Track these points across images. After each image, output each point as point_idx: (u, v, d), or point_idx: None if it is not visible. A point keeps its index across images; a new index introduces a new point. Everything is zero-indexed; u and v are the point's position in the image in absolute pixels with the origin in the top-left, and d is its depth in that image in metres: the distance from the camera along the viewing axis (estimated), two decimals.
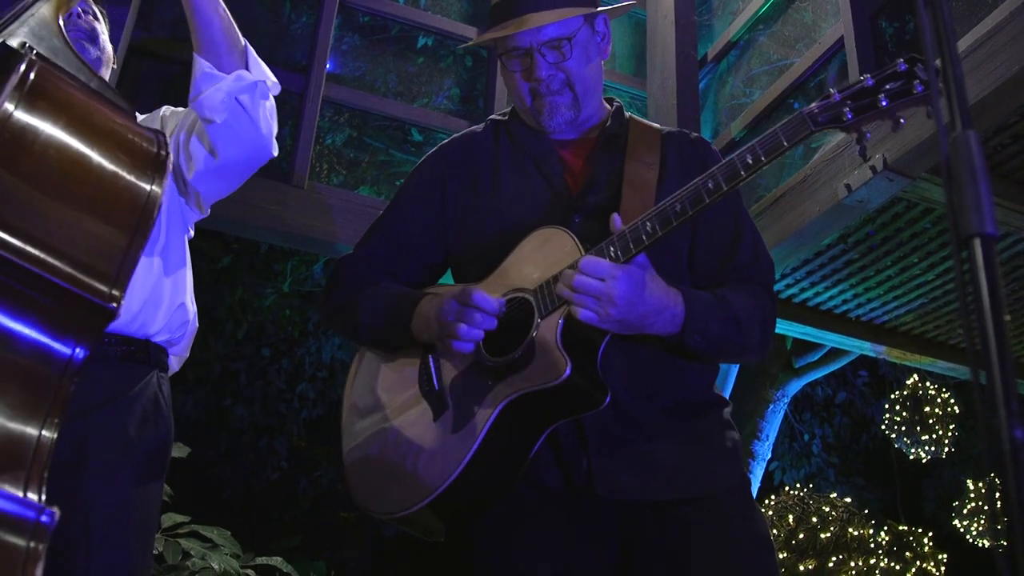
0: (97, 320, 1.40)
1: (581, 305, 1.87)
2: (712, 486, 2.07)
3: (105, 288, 1.38)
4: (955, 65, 1.08)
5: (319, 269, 11.74)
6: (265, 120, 2.23)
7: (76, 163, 1.45)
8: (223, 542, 4.82)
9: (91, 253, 1.40)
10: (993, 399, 0.92)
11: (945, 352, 7.03)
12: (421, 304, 2.15)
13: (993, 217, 0.97)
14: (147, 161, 1.54)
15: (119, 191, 1.48)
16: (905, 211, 5.35)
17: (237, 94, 2.15)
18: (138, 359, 2.20)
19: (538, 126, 2.29)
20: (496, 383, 1.99)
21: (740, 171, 1.87)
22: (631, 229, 1.92)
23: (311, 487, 13.12)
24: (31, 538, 1.22)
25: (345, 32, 5.33)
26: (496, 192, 2.29)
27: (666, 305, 1.96)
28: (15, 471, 1.26)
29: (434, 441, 2.03)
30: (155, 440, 2.20)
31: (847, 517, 10.13)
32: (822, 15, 5.04)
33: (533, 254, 2.10)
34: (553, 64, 2.20)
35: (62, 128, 1.45)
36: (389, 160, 5.35)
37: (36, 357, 1.35)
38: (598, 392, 1.95)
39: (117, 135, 1.54)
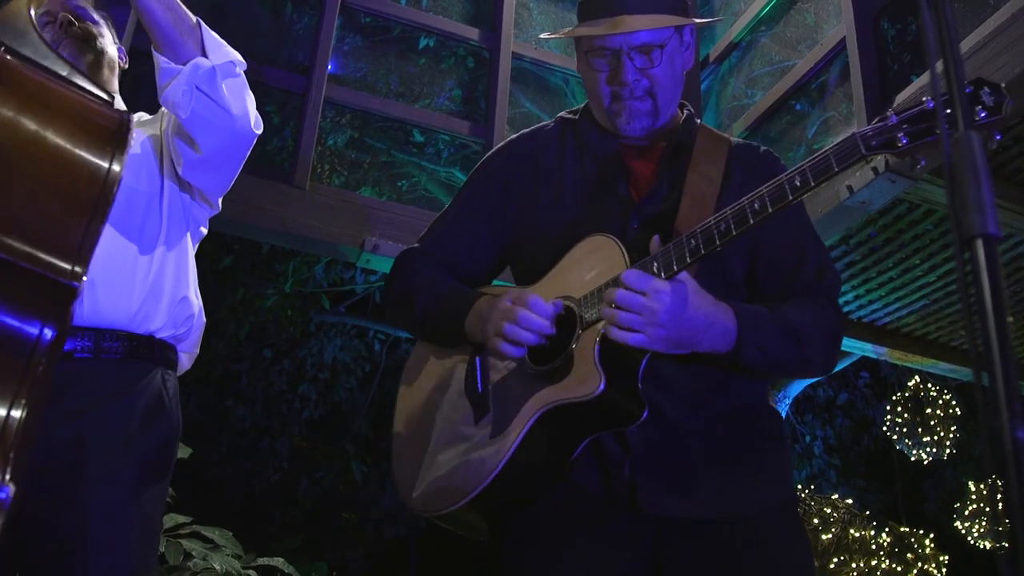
0: (60, 298, 1.39)
1: (627, 327, 1.82)
2: (756, 507, 2.03)
3: (66, 265, 1.38)
4: (958, 67, 1.08)
5: (320, 270, 11.74)
6: (235, 101, 2.18)
7: (30, 142, 1.45)
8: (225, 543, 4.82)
9: (49, 231, 1.39)
10: (996, 400, 0.92)
11: (947, 354, 7.02)
12: (477, 303, 2.13)
13: (996, 218, 0.97)
14: (105, 137, 1.53)
15: (76, 168, 1.48)
16: (907, 212, 5.34)
17: (196, 83, 2.11)
18: (140, 355, 2.18)
19: (612, 128, 2.24)
20: (535, 392, 1.97)
21: (788, 194, 1.81)
22: (675, 245, 1.88)
23: (312, 488, 13.12)
24: None
25: (347, 33, 5.33)
26: (558, 192, 2.25)
27: (715, 319, 1.90)
28: None
29: (474, 443, 2.03)
30: (158, 439, 2.18)
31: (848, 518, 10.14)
32: (824, 16, 5.04)
33: (582, 261, 2.07)
34: (640, 69, 2.14)
35: (14, 108, 1.45)
36: (391, 161, 5.35)
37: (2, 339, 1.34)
38: (635, 407, 1.91)
39: (74, 114, 1.53)
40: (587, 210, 2.18)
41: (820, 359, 2.09)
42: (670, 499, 1.98)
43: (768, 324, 1.98)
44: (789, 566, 2.03)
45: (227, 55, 2.20)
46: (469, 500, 1.96)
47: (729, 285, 2.11)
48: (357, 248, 4.65)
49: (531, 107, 5.78)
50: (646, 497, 1.97)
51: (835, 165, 1.79)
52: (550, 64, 5.76)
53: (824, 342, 2.08)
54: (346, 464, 13.13)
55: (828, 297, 2.15)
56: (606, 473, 2.02)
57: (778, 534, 2.04)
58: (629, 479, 1.99)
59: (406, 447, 2.23)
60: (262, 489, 12.83)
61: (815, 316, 2.07)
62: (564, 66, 5.80)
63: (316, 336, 13.08)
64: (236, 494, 12.65)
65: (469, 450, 2.03)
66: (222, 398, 12.35)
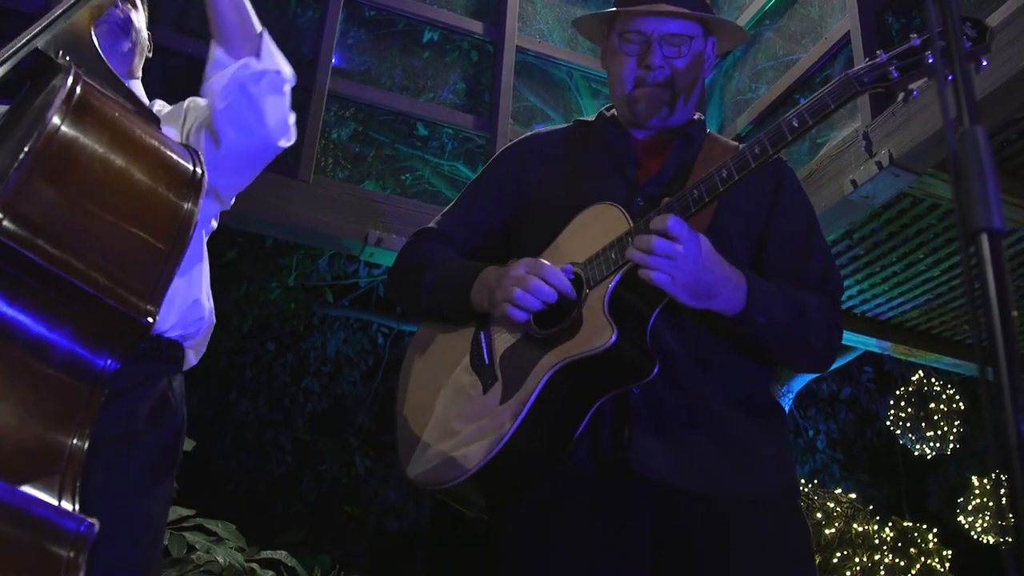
0: (131, 334, 1.42)
1: (655, 267, 1.85)
2: (756, 490, 2.04)
3: (141, 303, 1.41)
4: (963, 60, 1.08)
5: (324, 263, 11.74)
6: (273, 112, 2.17)
7: (118, 179, 1.47)
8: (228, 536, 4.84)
9: (129, 268, 1.42)
10: (1000, 395, 0.92)
11: (950, 348, 7.02)
12: (484, 273, 2.17)
13: (1001, 212, 0.97)
14: (184, 179, 1.56)
15: (157, 207, 1.50)
16: (911, 207, 5.34)
17: (242, 81, 2.11)
18: (147, 355, 2.17)
19: (630, 116, 2.30)
20: (544, 354, 1.99)
21: (787, 134, 1.88)
22: (678, 198, 1.94)
23: (316, 481, 13.12)
24: (71, 548, 1.24)
25: (351, 26, 5.33)
26: (569, 175, 2.32)
27: (730, 276, 1.94)
28: (50, 479, 1.29)
29: (481, 414, 2.03)
30: (163, 436, 2.17)
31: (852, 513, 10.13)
32: (828, 10, 5.03)
33: (583, 230, 2.12)
34: (666, 58, 2.22)
35: (106, 144, 1.47)
36: (395, 154, 5.35)
37: (71, 368, 1.37)
38: (647, 361, 1.94)
39: (156, 152, 1.55)
40: (595, 188, 2.22)
41: (821, 348, 2.11)
42: (665, 462, 1.99)
43: (775, 294, 2.02)
44: (787, 551, 2.04)
45: (279, 66, 2.20)
46: (480, 468, 1.95)
47: None
48: (361, 241, 4.65)
49: (535, 101, 5.77)
50: (638, 457, 1.98)
51: (831, 103, 1.88)
52: (554, 58, 5.76)
53: (826, 333, 2.11)
54: (349, 457, 13.14)
55: (832, 296, 2.18)
56: (599, 441, 2.03)
57: (778, 519, 2.06)
58: (626, 439, 2.00)
59: (411, 424, 2.23)
60: (265, 482, 12.84)
61: (820, 306, 2.10)
62: (568, 60, 5.80)
63: (320, 329, 13.08)
64: (239, 487, 12.67)
65: (477, 419, 2.03)
66: (226, 391, 12.36)
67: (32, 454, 1.28)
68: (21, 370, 1.32)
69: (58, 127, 1.40)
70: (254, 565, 5.02)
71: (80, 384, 1.37)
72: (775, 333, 2.02)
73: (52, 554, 1.22)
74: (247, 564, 4.91)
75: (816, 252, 2.22)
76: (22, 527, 1.22)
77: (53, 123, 1.40)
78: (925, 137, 3.87)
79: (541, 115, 5.80)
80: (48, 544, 1.23)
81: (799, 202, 2.28)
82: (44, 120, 1.39)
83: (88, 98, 1.48)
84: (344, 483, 13.31)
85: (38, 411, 1.31)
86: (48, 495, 1.26)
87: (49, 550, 1.22)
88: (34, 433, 1.30)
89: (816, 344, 2.09)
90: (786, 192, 2.25)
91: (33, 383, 1.33)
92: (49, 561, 1.21)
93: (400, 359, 2.42)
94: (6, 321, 1.32)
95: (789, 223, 2.20)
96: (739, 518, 2.00)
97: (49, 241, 1.33)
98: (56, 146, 1.39)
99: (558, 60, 5.78)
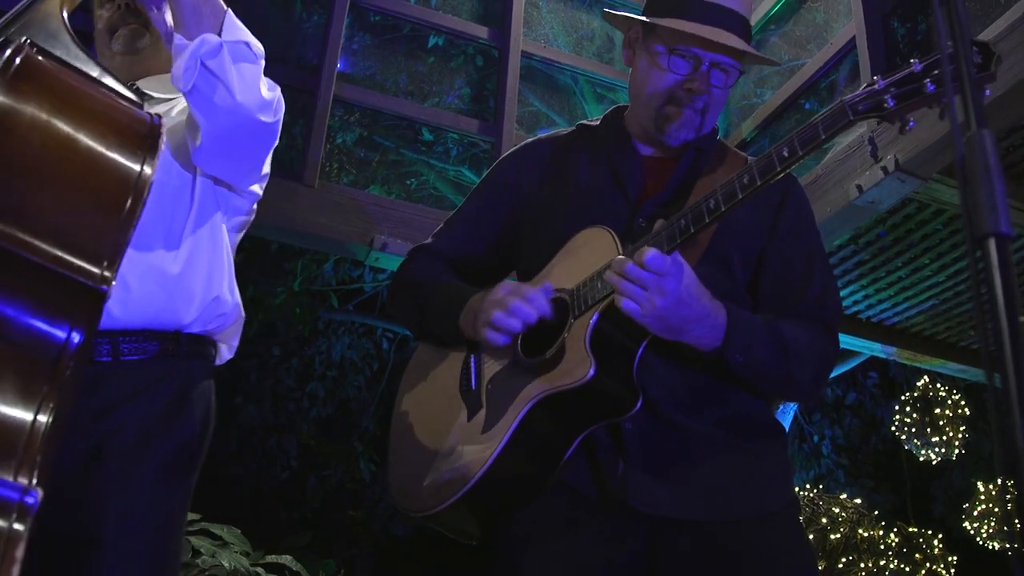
0: (90, 302, 1.39)
1: (626, 294, 1.80)
2: (753, 510, 2.01)
3: (96, 269, 1.38)
4: (969, 65, 1.08)
5: (329, 268, 11.75)
6: (242, 84, 2.01)
7: (61, 145, 1.44)
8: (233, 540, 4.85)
9: (79, 234, 1.39)
10: (1007, 401, 0.92)
11: (956, 354, 7.01)
12: (471, 300, 2.12)
13: (1008, 217, 0.97)
14: (136, 140, 1.52)
15: (107, 172, 1.47)
16: (916, 212, 5.33)
17: (201, 58, 1.96)
18: (167, 353, 2.12)
19: (653, 130, 2.20)
20: (527, 383, 1.96)
21: (776, 164, 1.80)
22: (667, 227, 1.88)
23: (320, 485, 13.13)
24: (13, 519, 1.21)
25: (356, 31, 5.34)
26: (567, 193, 2.25)
27: (708, 313, 1.89)
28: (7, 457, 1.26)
29: (465, 440, 2.01)
30: (180, 436, 2.11)
31: (857, 518, 10.11)
32: (834, 15, 5.03)
33: (576, 253, 2.08)
34: (711, 85, 2.14)
35: (47, 111, 1.44)
36: (399, 159, 5.35)
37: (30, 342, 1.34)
38: (629, 396, 1.90)
39: (105, 116, 1.53)
40: (592, 207, 2.17)
41: (805, 382, 2.05)
42: (662, 497, 1.96)
43: (759, 331, 1.97)
44: (793, 565, 2.02)
45: (243, 37, 2.04)
46: (461, 496, 1.93)
47: (734, 295, 2.09)
48: (366, 246, 4.66)
49: (540, 106, 5.78)
50: (636, 493, 1.96)
51: (821, 132, 1.79)
52: (559, 63, 5.76)
53: (813, 367, 2.05)
54: (354, 462, 13.15)
55: (827, 324, 2.13)
56: (598, 470, 2.00)
57: (777, 539, 2.02)
58: (622, 475, 1.97)
59: (399, 449, 2.22)
60: (270, 487, 12.85)
61: (810, 339, 2.05)
62: (573, 65, 5.80)
63: (324, 334, 13.09)
64: (244, 492, 12.67)
65: (461, 446, 2.01)
66: (231, 396, 12.36)
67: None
68: None
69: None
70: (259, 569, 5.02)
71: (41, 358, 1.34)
72: (754, 371, 1.97)
73: None
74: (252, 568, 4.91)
75: (815, 277, 2.15)
76: None
77: None
78: (931, 142, 3.87)
79: (546, 120, 5.81)
80: None
81: (802, 224, 2.21)
82: None
83: (28, 68, 1.46)
84: (349, 487, 13.32)
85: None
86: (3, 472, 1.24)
87: None
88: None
89: (800, 379, 2.03)
90: (790, 211, 2.18)
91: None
92: None
93: (404, 364, 2.41)
94: None
95: (789, 243, 2.14)
96: (742, 536, 1.98)
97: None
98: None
99: (563, 65, 5.78)
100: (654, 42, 2.17)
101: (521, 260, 2.31)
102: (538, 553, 2.02)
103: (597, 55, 6.03)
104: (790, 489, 2.14)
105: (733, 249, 2.11)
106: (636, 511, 1.96)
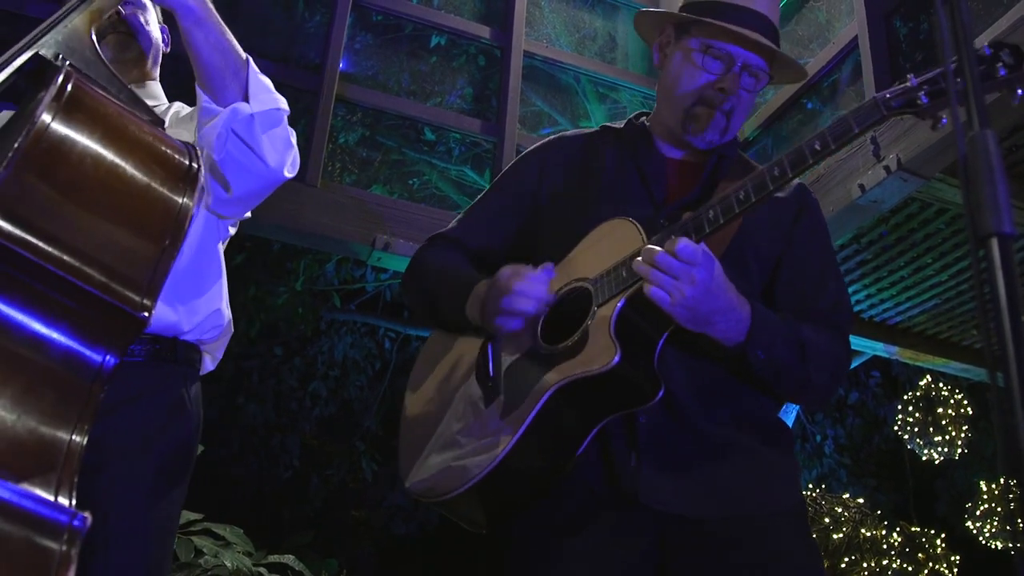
0: (128, 328, 1.43)
1: (656, 283, 1.81)
2: (762, 509, 2.02)
3: (137, 297, 1.41)
4: (972, 64, 1.08)
5: (331, 268, 11.76)
6: (272, 151, 2.11)
7: (111, 174, 1.48)
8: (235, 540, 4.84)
9: (124, 262, 1.42)
10: (1010, 400, 0.92)
11: (958, 353, 7.00)
12: (476, 287, 2.13)
13: (1011, 217, 0.97)
14: (179, 173, 1.56)
15: (152, 202, 1.51)
16: (919, 211, 5.34)
17: (233, 128, 2.05)
18: (163, 358, 2.16)
19: (679, 130, 2.22)
20: (549, 370, 1.96)
21: (808, 157, 1.83)
22: (694, 218, 1.90)
23: (323, 485, 13.13)
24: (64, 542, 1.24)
25: (358, 31, 5.34)
26: (592, 190, 2.26)
27: (734, 307, 1.90)
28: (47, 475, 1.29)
29: (482, 427, 2.01)
30: (177, 440, 2.16)
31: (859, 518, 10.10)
32: (836, 15, 5.03)
33: (597, 244, 2.08)
34: (742, 88, 2.17)
35: (98, 140, 1.47)
36: (402, 159, 5.36)
37: (69, 363, 1.38)
38: (650, 386, 1.90)
39: (150, 147, 1.56)
40: (618, 207, 2.17)
41: (821, 385, 2.07)
42: (672, 493, 1.97)
43: (780, 329, 1.98)
44: (800, 566, 2.01)
45: (269, 101, 2.11)
46: (474, 484, 1.93)
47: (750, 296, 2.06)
48: (368, 246, 4.66)
49: (542, 105, 5.78)
50: (647, 488, 1.96)
51: (855, 127, 1.82)
52: (561, 63, 5.76)
53: (829, 370, 2.07)
54: (356, 461, 13.15)
55: (840, 330, 2.15)
56: (611, 464, 2.01)
57: (786, 539, 2.02)
58: (634, 469, 1.97)
59: (413, 434, 2.22)
60: (272, 486, 12.85)
61: (827, 342, 2.06)
62: (576, 64, 5.80)
63: (327, 334, 13.10)
64: (247, 491, 12.67)
65: (478, 433, 2.01)
66: (233, 396, 12.36)
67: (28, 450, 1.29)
68: (18, 367, 1.33)
69: (47, 124, 1.41)
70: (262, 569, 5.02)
71: (79, 380, 1.38)
72: (774, 369, 1.98)
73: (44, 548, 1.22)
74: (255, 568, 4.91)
75: (828, 284, 2.18)
76: (14, 522, 1.22)
77: (42, 120, 1.41)
78: (933, 141, 3.87)
79: (548, 119, 5.81)
80: (40, 539, 1.23)
81: (817, 233, 2.24)
82: (33, 118, 1.41)
83: (79, 95, 1.49)
84: (351, 487, 13.32)
85: (35, 407, 1.32)
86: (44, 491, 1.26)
87: (41, 544, 1.22)
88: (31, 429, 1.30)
89: (818, 382, 2.04)
90: (806, 221, 2.21)
91: (30, 379, 1.33)
92: (41, 555, 1.21)
93: (407, 363, 2.42)
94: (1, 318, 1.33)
95: (805, 252, 2.17)
96: (751, 536, 1.98)
97: (41, 237, 1.33)
98: (46, 143, 1.40)
99: (565, 65, 5.78)
100: (688, 40, 2.20)
101: (541, 255, 2.31)
102: (547, 552, 2.03)
103: (599, 55, 6.03)
104: (798, 490, 2.15)
105: (751, 255, 2.13)
106: (646, 508, 1.96)
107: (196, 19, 2.00)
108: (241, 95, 2.08)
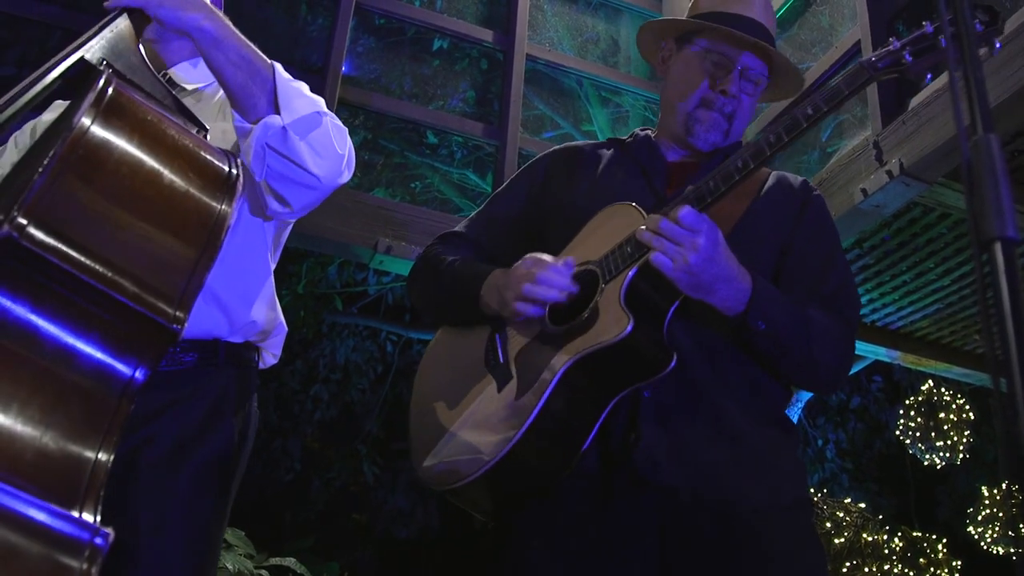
0: (160, 340, 1.40)
1: (659, 249, 1.85)
2: (768, 499, 2.02)
3: (170, 309, 1.39)
4: (976, 68, 1.08)
5: (333, 271, 11.75)
6: (315, 158, 1.99)
7: (148, 181, 1.45)
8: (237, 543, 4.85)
9: (158, 273, 1.40)
10: (1013, 405, 0.91)
11: (960, 358, 6.99)
12: (492, 275, 2.17)
13: (1015, 221, 0.97)
14: (218, 182, 1.54)
15: (189, 211, 1.48)
16: (921, 216, 5.33)
17: (268, 143, 1.94)
18: (204, 363, 2.08)
19: (683, 133, 2.29)
20: (559, 349, 1.98)
21: (802, 121, 1.91)
22: (695, 188, 1.95)
23: (324, 488, 13.14)
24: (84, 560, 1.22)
25: (360, 34, 5.35)
26: (595, 185, 2.33)
27: (735, 276, 1.94)
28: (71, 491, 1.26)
29: (496, 412, 2.03)
30: (215, 446, 2.06)
31: (861, 523, 10.10)
32: (839, 19, 5.03)
33: (599, 229, 2.13)
34: (739, 90, 2.24)
35: (136, 146, 1.45)
36: (404, 162, 5.36)
37: (98, 376, 1.34)
38: (664, 354, 1.92)
39: (189, 154, 1.53)
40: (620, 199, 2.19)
41: (826, 364, 2.08)
42: (670, 465, 1.97)
43: (781, 301, 2.02)
44: (800, 566, 2.01)
45: (302, 107, 2.00)
46: (489, 469, 1.94)
47: None
48: (370, 249, 4.65)
49: (545, 109, 5.78)
50: (645, 462, 1.96)
51: (844, 88, 1.91)
52: (564, 66, 5.77)
53: (834, 350, 2.08)
54: (358, 465, 13.15)
55: (843, 315, 2.15)
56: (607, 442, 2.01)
57: (793, 533, 2.03)
58: (633, 443, 1.98)
59: (424, 425, 2.23)
60: (274, 489, 12.85)
61: (830, 322, 2.08)
62: (578, 68, 5.80)
63: (329, 337, 13.10)
64: (248, 494, 12.67)
65: (491, 418, 2.02)
66: None
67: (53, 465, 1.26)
68: (46, 378, 1.30)
69: (86, 129, 1.39)
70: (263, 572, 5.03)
71: (107, 393, 1.34)
72: (775, 341, 2.00)
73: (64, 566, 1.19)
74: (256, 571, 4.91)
75: (833, 271, 2.21)
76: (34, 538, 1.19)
77: (81, 125, 1.38)
78: (936, 146, 3.86)
79: (551, 123, 5.81)
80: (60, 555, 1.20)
81: (823, 225, 2.28)
82: (72, 123, 1.38)
83: (119, 100, 1.47)
84: (353, 490, 13.32)
85: (62, 421, 1.28)
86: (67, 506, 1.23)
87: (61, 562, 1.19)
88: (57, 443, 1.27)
89: (821, 359, 2.05)
90: (811, 214, 2.26)
91: (58, 392, 1.30)
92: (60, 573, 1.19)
93: (409, 367, 2.43)
94: (31, 328, 1.30)
95: (810, 241, 2.21)
96: (751, 528, 1.97)
97: (75, 247, 1.30)
98: (83, 149, 1.38)
99: (568, 68, 5.79)
100: (689, 48, 2.29)
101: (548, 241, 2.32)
102: (544, 540, 2.03)
103: (602, 58, 6.03)
104: (804, 485, 2.16)
105: (755, 241, 2.16)
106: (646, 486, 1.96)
107: (214, 40, 1.92)
108: (271, 107, 1.98)
